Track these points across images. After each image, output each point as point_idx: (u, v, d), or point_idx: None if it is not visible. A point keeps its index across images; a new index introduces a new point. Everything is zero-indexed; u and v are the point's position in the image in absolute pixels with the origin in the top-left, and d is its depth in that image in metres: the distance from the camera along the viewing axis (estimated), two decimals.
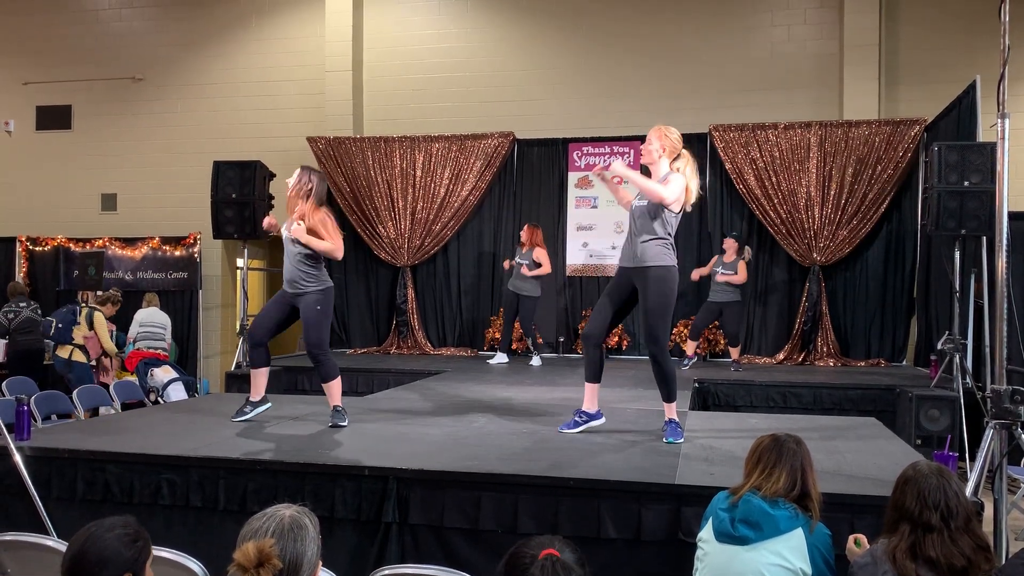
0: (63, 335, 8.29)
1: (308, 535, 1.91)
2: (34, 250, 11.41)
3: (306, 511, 1.99)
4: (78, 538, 2.12)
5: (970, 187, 6.81)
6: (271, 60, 11.09)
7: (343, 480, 3.78)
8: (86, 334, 8.35)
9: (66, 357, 8.27)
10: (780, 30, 9.88)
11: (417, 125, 10.48)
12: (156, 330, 9.17)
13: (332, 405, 4.92)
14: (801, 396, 7.38)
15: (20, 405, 4.32)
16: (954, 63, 9.07)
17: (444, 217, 10.20)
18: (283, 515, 1.93)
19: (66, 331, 8.29)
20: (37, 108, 11.76)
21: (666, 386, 4.53)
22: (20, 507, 3.94)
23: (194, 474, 3.94)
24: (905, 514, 2.48)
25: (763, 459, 2.74)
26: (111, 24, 11.62)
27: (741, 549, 2.62)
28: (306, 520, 1.94)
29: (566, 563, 1.84)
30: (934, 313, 8.38)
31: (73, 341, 8.29)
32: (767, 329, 9.61)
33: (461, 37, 10.66)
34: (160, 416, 5.33)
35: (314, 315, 4.85)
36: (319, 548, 1.95)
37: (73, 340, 8.28)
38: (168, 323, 9.48)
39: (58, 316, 8.42)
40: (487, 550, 3.54)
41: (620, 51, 10.22)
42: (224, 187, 8.69)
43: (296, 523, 1.91)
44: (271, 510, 1.97)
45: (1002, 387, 3.55)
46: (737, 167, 9.40)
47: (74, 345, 8.29)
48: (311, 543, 1.91)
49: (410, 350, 10.17)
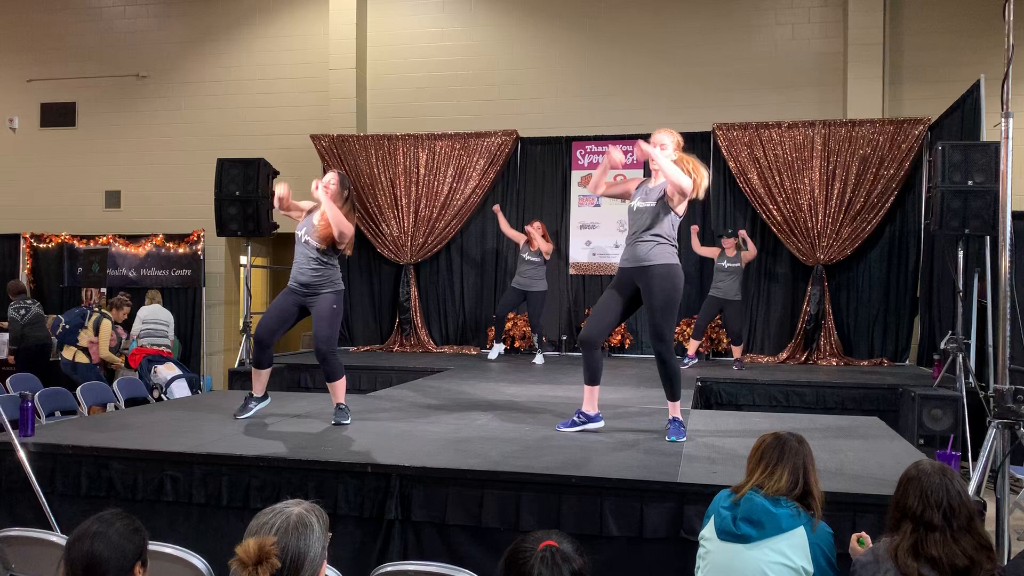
0: (68, 336, 8.31)
1: (313, 534, 1.90)
2: (38, 247, 11.44)
3: (316, 509, 1.98)
4: (81, 539, 2.11)
5: (974, 186, 6.80)
6: (275, 58, 11.10)
7: (346, 477, 3.79)
8: (91, 339, 8.36)
9: (70, 359, 8.30)
10: (784, 29, 9.88)
11: (420, 123, 10.49)
12: (159, 327, 9.18)
13: (336, 403, 4.93)
14: (804, 395, 7.38)
15: (24, 401, 4.33)
16: (958, 62, 9.05)
17: (447, 215, 10.21)
18: (291, 512, 1.92)
19: (72, 333, 8.30)
20: (41, 105, 11.79)
21: (671, 384, 4.53)
22: (24, 503, 3.96)
23: (197, 471, 3.95)
24: (907, 513, 2.48)
25: (765, 457, 2.74)
26: (115, 22, 11.64)
27: (743, 547, 2.62)
28: (313, 519, 1.92)
29: (565, 553, 1.88)
30: (937, 313, 8.38)
31: (77, 343, 8.30)
32: (770, 328, 9.60)
33: (464, 35, 10.67)
34: (163, 413, 5.34)
35: (329, 313, 4.85)
36: (325, 548, 1.94)
37: (77, 342, 8.30)
38: (171, 320, 9.49)
39: (68, 317, 8.44)
40: (490, 547, 3.55)
41: (624, 49, 10.22)
42: (228, 184, 8.69)
43: (302, 521, 1.90)
44: (281, 505, 1.96)
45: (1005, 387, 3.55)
46: (740, 166, 9.39)
47: (77, 347, 8.30)
48: (315, 543, 1.89)
49: (413, 348, 10.18)
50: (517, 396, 6.26)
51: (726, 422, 5.24)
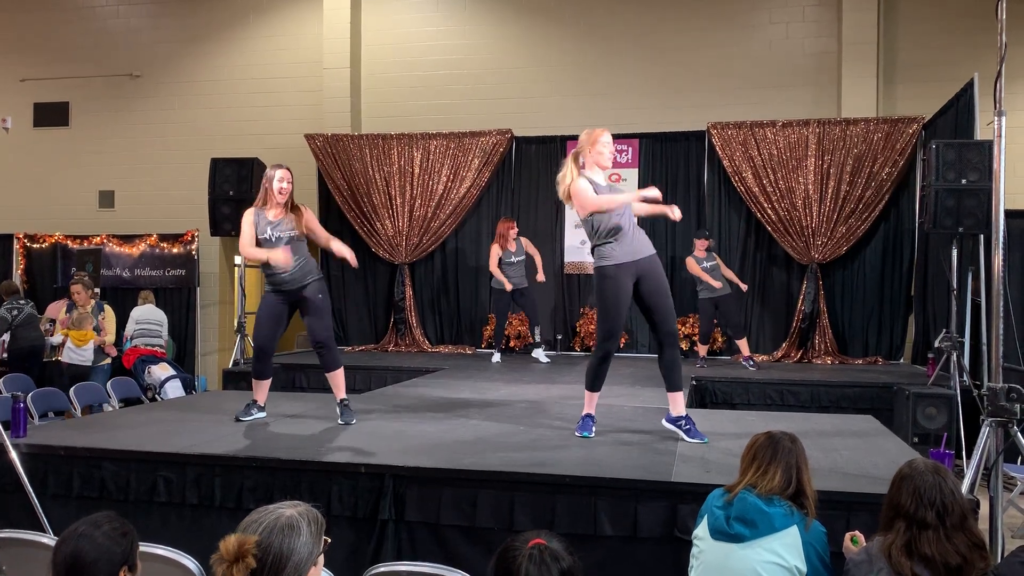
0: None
1: (300, 538, 1.86)
2: (32, 247, 11.40)
3: (311, 513, 1.94)
4: (67, 540, 2.10)
5: (968, 185, 6.81)
6: (269, 57, 11.07)
7: (339, 477, 3.78)
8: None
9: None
10: (778, 28, 9.88)
11: (415, 122, 10.47)
12: (152, 327, 9.16)
13: (340, 399, 4.92)
14: (798, 394, 7.38)
15: (16, 402, 4.31)
16: (952, 61, 9.06)
17: (442, 215, 10.20)
18: (281, 514, 1.89)
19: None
20: (34, 105, 11.74)
21: (680, 373, 4.52)
22: (16, 504, 3.95)
23: (190, 471, 3.94)
24: (901, 511, 2.48)
25: (758, 457, 2.74)
26: (108, 21, 11.60)
27: (736, 547, 2.62)
28: (303, 523, 1.89)
29: (554, 551, 1.88)
30: (931, 311, 8.39)
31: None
32: (765, 327, 9.61)
33: (459, 34, 10.65)
34: (157, 413, 5.32)
35: (322, 303, 4.94)
36: (313, 553, 1.89)
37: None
38: (164, 320, 9.47)
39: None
40: (483, 547, 3.54)
41: (618, 49, 10.22)
42: (221, 184, 8.68)
43: (290, 524, 1.87)
44: (277, 505, 1.94)
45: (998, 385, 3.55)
46: (735, 165, 9.39)
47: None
48: (302, 547, 1.86)
49: (408, 348, 10.17)
50: (511, 396, 6.26)
51: (720, 421, 5.24)
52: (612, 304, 4.42)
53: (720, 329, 9.21)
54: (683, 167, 9.85)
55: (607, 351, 4.50)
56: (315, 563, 1.91)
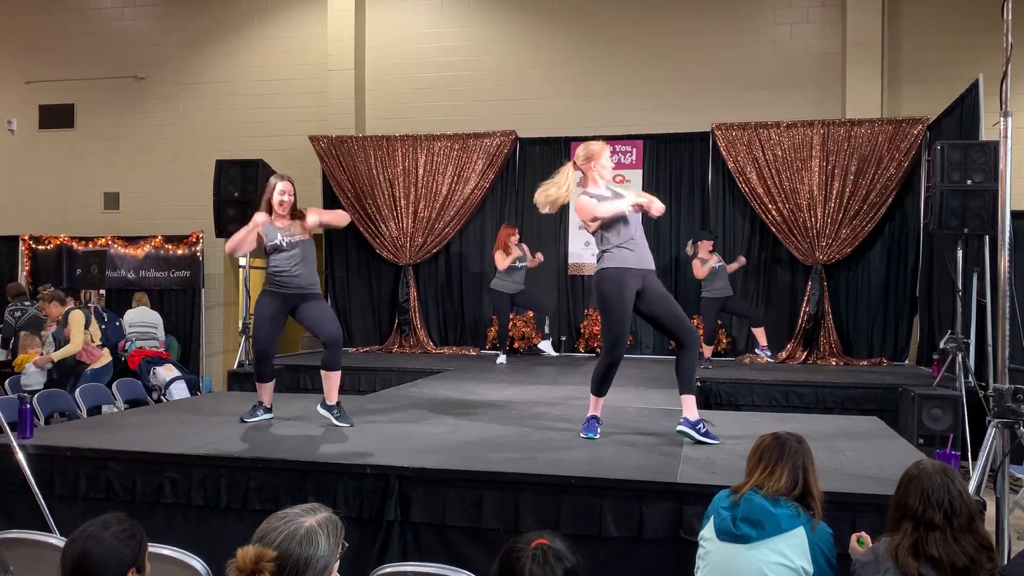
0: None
1: (318, 550, 1.87)
2: (37, 249, 11.43)
3: (331, 522, 1.94)
4: (76, 541, 2.11)
5: (973, 186, 6.79)
6: (273, 59, 11.09)
7: (345, 479, 3.78)
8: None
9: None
10: (783, 29, 9.88)
11: (419, 124, 10.48)
12: (147, 329, 9.19)
13: (335, 400, 4.91)
14: (803, 395, 7.37)
15: (23, 403, 4.32)
16: (957, 61, 9.05)
17: (446, 216, 10.20)
18: (301, 523, 1.89)
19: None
20: (40, 107, 11.78)
21: (694, 375, 4.52)
22: (22, 505, 3.95)
23: (196, 472, 3.94)
24: (908, 512, 2.48)
25: (765, 457, 2.74)
26: (113, 23, 11.63)
27: (743, 548, 2.62)
28: (321, 535, 1.89)
29: (557, 551, 1.88)
30: (936, 312, 8.37)
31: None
32: (769, 328, 9.55)
33: (463, 36, 10.66)
34: (162, 415, 5.33)
35: (326, 306, 5.05)
36: (330, 563, 1.90)
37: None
38: (159, 320, 9.47)
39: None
40: (488, 548, 3.54)
41: (623, 50, 10.22)
42: (226, 186, 8.69)
43: (309, 536, 1.87)
44: (297, 512, 1.93)
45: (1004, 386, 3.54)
46: (739, 166, 9.39)
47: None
48: (319, 561, 1.86)
49: (412, 349, 10.17)
50: (516, 397, 6.26)
51: (725, 422, 5.23)
52: (617, 308, 4.41)
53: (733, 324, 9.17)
54: (687, 168, 9.85)
55: (614, 359, 4.48)
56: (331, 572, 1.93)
